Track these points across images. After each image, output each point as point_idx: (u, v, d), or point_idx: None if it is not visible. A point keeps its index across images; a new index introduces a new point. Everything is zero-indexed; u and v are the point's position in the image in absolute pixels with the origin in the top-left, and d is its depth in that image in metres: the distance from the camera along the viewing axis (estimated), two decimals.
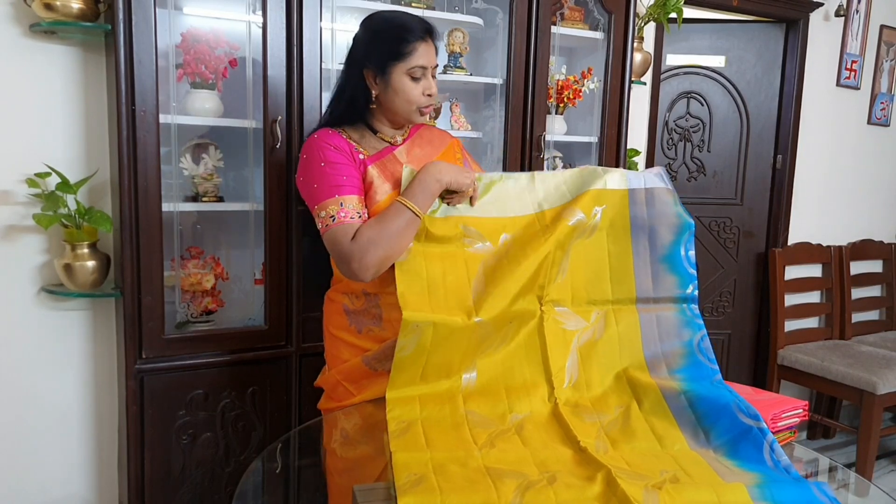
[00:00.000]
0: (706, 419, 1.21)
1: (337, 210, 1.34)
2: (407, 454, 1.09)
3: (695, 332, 1.39)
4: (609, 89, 2.37)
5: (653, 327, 1.39)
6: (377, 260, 1.30)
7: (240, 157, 1.98)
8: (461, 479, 1.01)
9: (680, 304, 1.41)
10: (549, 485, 1.00)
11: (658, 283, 1.42)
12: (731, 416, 1.18)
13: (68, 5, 1.74)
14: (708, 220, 3.36)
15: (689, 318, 1.40)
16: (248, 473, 1.16)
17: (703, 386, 1.29)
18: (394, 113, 1.46)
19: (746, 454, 1.11)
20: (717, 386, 1.30)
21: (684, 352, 1.37)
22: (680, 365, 1.36)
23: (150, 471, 1.84)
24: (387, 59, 1.40)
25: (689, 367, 1.35)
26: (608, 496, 0.97)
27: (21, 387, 1.96)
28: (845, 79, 3.42)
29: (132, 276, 1.74)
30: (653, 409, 1.27)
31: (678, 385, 1.29)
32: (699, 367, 1.35)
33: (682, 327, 1.39)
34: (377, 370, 1.44)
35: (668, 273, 1.42)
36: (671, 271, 1.42)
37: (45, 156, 1.87)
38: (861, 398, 2.85)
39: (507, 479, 1.01)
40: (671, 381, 1.32)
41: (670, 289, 1.41)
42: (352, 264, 1.31)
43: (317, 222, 1.38)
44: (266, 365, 1.95)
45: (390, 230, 1.31)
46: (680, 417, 1.23)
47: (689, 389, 1.27)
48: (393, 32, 1.41)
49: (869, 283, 3.60)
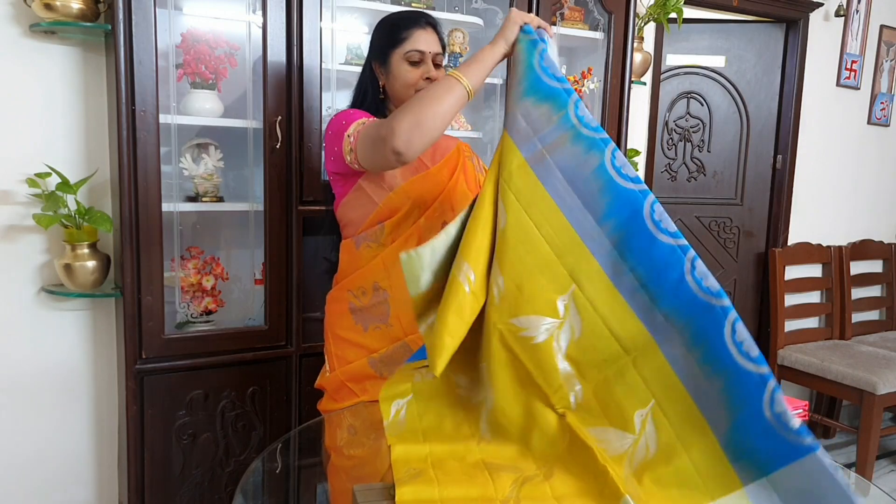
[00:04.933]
0: (662, 302, 0.99)
1: (367, 121, 1.33)
2: (405, 447, 1.09)
3: (602, 150, 1.07)
4: (609, 89, 2.37)
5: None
6: (408, 123, 1.19)
7: (240, 157, 1.98)
8: (459, 473, 1.02)
9: (572, 130, 1.10)
10: (546, 479, 1.00)
11: (535, 120, 1.13)
12: (687, 291, 0.97)
13: (68, 5, 1.74)
14: (708, 220, 3.36)
15: (588, 140, 1.09)
16: (248, 473, 1.16)
17: (642, 239, 1.02)
18: (399, 100, 1.47)
19: (712, 350, 0.94)
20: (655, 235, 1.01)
21: (601, 184, 1.06)
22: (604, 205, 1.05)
23: (150, 471, 1.84)
24: (387, 47, 1.45)
25: (615, 207, 1.05)
26: (599, 490, 0.97)
27: (21, 387, 1.96)
28: (845, 79, 3.42)
29: (132, 276, 1.74)
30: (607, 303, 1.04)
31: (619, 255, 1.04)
32: (623, 195, 1.05)
33: (585, 155, 1.08)
34: (383, 374, 1.44)
35: (537, 104, 1.14)
36: (540, 100, 1.14)
37: (45, 156, 1.87)
38: (861, 398, 2.85)
39: (504, 472, 1.02)
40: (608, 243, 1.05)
41: (548, 117, 1.12)
42: (388, 137, 1.20)
43: (346, 145, 1.34)
44: (266, 365, 1.95)
45: (428, 95, 1.22)
46: (633, 300, 1.03)
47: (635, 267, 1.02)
48: (393, 23, 1.47)
49: (869, 283, 3.59)
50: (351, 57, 2.08)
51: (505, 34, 1.25)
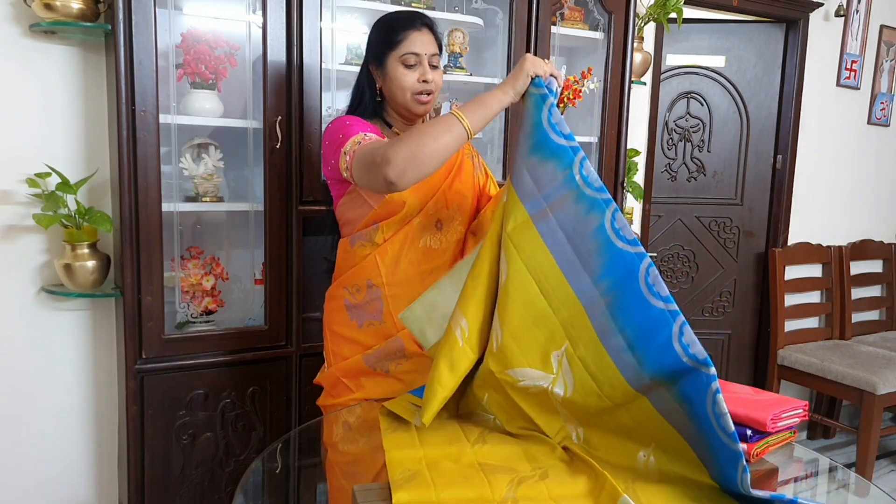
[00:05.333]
0: (647, 364, 1.02)
1: (364, 137, 1.33)
2: (400, 452, 1.10)
3: (603, 210, 1.10)
4: (609, 89, 2.37)
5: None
6: (403, 155, 1.19)
7: (240, 157, 1.98)
8: (454, 474, 1.03)
9: (576, 190, 1.13)
10: (542, 480, 1.02)
11: (540, 177, 1.16)
12: (673, 355, 0.99)
13: (68, 5, 1.74)
14: (708, 220, 3.36)
15: (590, 200, 1.11)
16: (248, 473, 1.16)
17: (634, 301, 1.04)
18: (396, 103, 1.48)
19: (695, 414, 0.98)
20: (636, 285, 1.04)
21: (599, 244, 1.09)
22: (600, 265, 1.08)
23: (150, 471, 1.84)
24: (382, 50, 1.45)
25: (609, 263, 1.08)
26: (598, 491, 0.98)
27: (21, 387, 1.96)
28: (845, 79, 3.42)
29: (132, 276, 1.74)
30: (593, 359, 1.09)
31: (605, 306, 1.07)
32: (620, 257, 1.07)
33: (587, 214, 1.11)
34: (376, 370, 1.48)
35: (543, 162, 1.17)
36: (546, 158, 1.17)
37: (46, 156, 1.87)
38: (861, 398, 2.85)
39: (499, 473, 1.03)
40: (602, 302, 1.07)
41: (553, 175, 1.15)
42: (382, 165, 1.20)
43: (343, 162, 1.34)
44: (266, 365, 1.95)
45: (427, 130, 1.22)
46: (619, 361, 1.05)
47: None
48: (387, 24, 1.47)
49: (869, 283, 3.60)
50: (351, 57, 2.08)
51: (515, 85, 1.25)
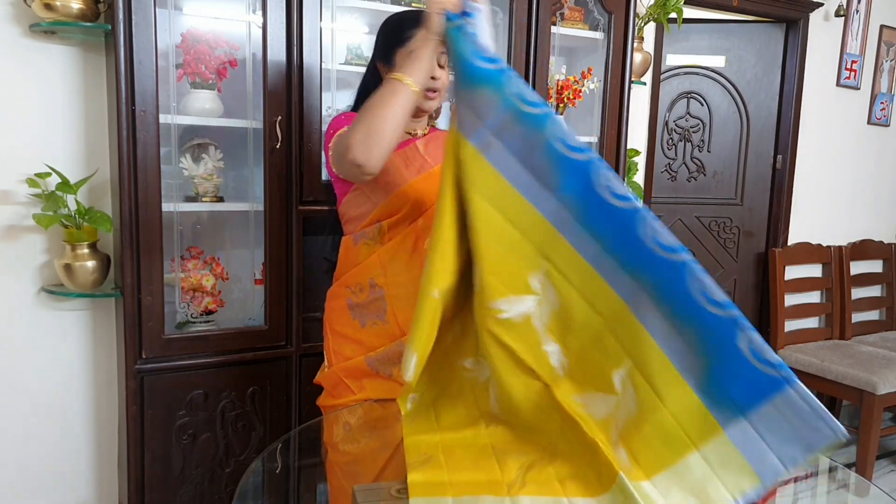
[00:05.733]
0: (626, 263, 1.02)
1: (345, 131, 1.33)
2: (418, 437, 1.13)
3: (544, 124, 1.06)
4: (609, 89, 2.37)
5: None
6: (360, 135, 1.22)
7: (240, 157, 1.98)
8: (468, 460, 1.07)
9: (513, 110, 1.09)
10: (550, 463, 1.05)
11: (478, 107, 1.12)
12: (646, 250, 0.99)
13: (68, 5, 1.74)
14: (708, 220, 3.36)
15: (530, 118, 1.07)
16: (248, 473, 1.16)
17: (597, 207, 1.03)
18: None
19: (679, 303, 0.98)
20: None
21: (551, 159, 1.05)
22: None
23: (150, 471, 1.84)
24: (391, 46, 1.45)
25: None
26: (598, 468, 1.00)
27: (21, 387, 1.96)
28: (845, 79, 3.42)
29: (132, 276, 1.74)
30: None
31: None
32: (573, 167, 1.05)
33: (531, 133, 1.06)
34: (379, 373, 1.46)
35: (476, 91, 1.12)
36: (477, 86, 1.12)
37: (46, 156, 1.87)
38: (861, 398, 2.85)
39: (510, 457, 1.06)
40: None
41: (488, 101, 1.11)
42: (346, 153, 1.23)
43: (330, 159, 1.40)
44: (266, 365, 1.95)
45: (373, 102, 1.24)
46: (599, 267, 1.04)
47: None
48: (397, 22, 1.48)
49: (869, 283, 3.59)
50: (351, 57, 2.08)
51: (429, 27, 1.24)
